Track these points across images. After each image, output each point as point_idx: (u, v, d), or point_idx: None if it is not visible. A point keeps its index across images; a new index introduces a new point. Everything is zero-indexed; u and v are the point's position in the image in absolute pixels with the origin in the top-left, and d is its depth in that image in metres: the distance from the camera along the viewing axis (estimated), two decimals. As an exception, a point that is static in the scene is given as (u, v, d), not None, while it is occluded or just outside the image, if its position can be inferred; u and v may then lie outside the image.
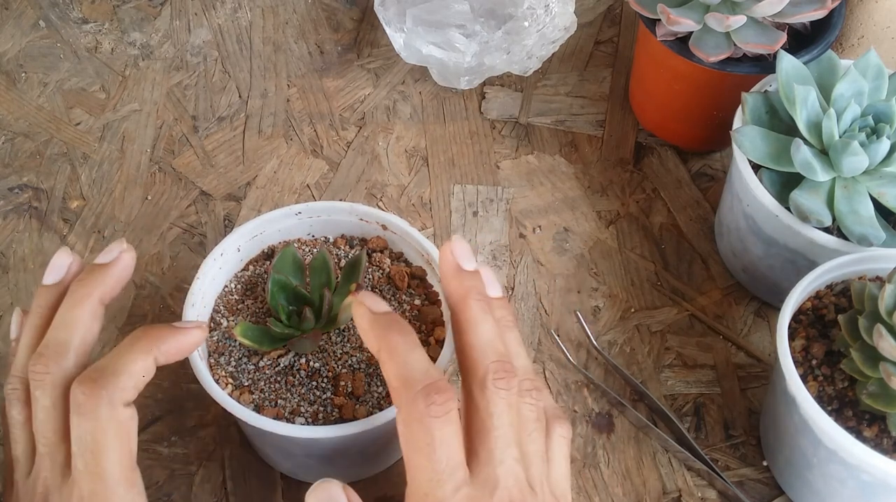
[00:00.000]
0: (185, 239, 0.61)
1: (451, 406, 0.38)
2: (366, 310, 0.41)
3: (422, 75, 0.70)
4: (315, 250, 0.52)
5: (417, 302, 0.51)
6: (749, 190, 0.52)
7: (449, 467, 0.38)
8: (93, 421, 0.39)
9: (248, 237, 0.52)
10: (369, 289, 0.51)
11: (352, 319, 0.49)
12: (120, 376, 0.40)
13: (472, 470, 0.38)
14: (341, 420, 0.46)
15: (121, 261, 0.44)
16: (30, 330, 0.43)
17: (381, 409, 0.46)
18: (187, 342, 0.43)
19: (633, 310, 0.58)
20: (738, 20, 0.55)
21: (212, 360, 0.48)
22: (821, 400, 0.46)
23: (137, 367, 0.40)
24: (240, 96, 0.69)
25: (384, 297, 0.50)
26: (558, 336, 0.57)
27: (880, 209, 0.52)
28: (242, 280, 0.52)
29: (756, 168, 0.53)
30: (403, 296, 0.51)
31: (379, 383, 0.47)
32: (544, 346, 0.57)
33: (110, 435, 0.39)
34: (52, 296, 0.44)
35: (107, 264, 0.44)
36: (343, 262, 0.52)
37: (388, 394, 0.47)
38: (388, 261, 0.52)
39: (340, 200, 0.60)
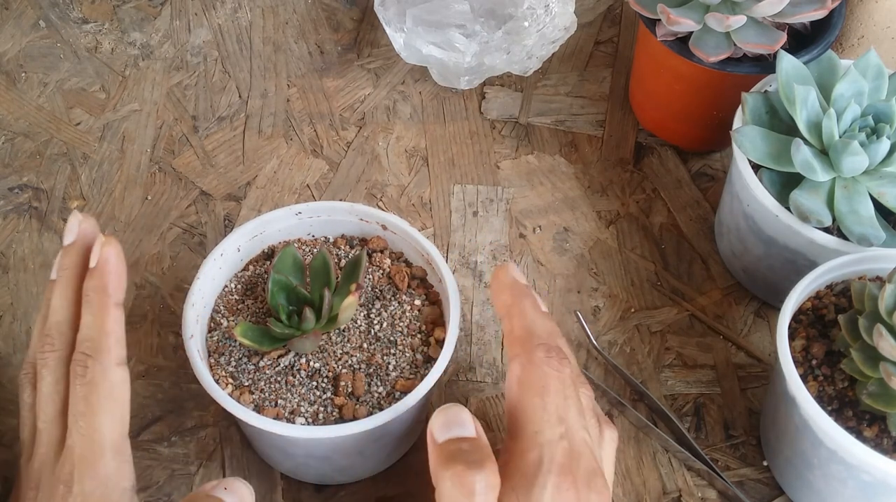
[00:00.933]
0: (185, 239, 0.61)
1: (565, 368, 0.41)
2: (509, 274, 0.45)
3: (422, 75, 0.70)
4: (315, 250, 0.52)
5: (417, 302, 0.51)
6: (749, 190, 0.52)
7: (557, 414, 0.40)
8: (87, 385, 0.41)
9: (248, 237, 0.52)
10: (369, 289, 0.51)
11: (352, 319, 0.49)
12: (102, 340, 0.42)
13: None
14: (341, 420, 0.46)
15: (110, 259, 0.44)
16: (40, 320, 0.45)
17: (381, 409, 0.46)
18: (112, 264, 0.44)
19: (633, 310, 0.58)
20: (738, 20, 0.55)
21: (212, 360, 0.48)
22: (821, 400, 0.46)
23: (111, 324, 0.43)
24: (240, 96, 0.69)
25: (384, 297, 0.50)
26: (558, 336, 0.57)
27: (880, 209, 0.52)
28: (242, 280, 0.52)
29: (756, 168, 0.53)
30: (403, 296, 0.51)
31: (379, 383, 0.48)
32: (544, 346, 0.57)
33: (102, 397, 0.41)
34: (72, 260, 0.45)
35: (103, 265, 0.44)
36: (343, 262, 0.52)
37: (388, 394, 0.47)
38: (388, 261, 0.52)
39: (340, 200, 0.60)
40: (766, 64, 0.58)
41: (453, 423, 0.39)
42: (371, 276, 0.51)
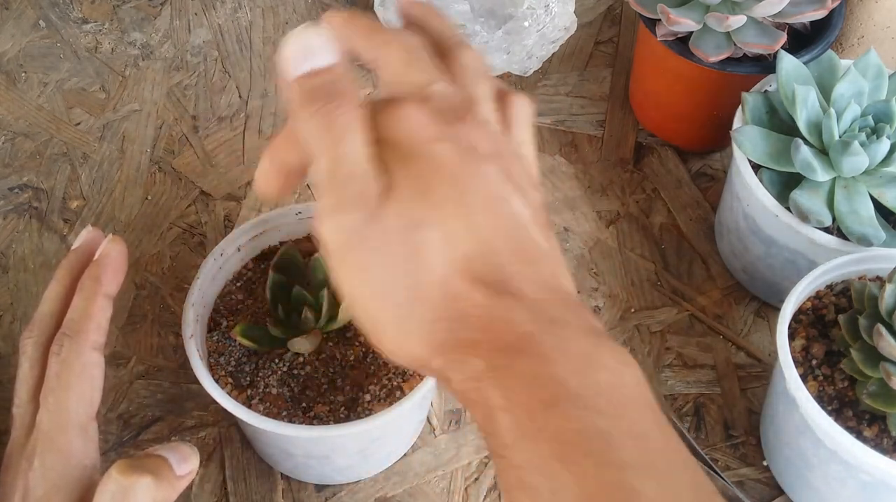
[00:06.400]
0: (185, 239, 0.61)
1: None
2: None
3: (422, 75, 0.70)
4: (315, 250, 0.52)
5: (417, 302, 0.50)
6: (749, 190, 0.52)
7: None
8: (61, 363, 0.42)
9: (248, 237, 0.52)
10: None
11: (351, 319, 0.49)
12: (83, 322, 0.43)
13: None
14: (341, 419, 0.46)
15: (111, 254, 0.46)
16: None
17: (381, 409, 0.46)
18: (112, 259, 0.45)
19: (633, 310, 0.58)
20: (738, 20, 0.55)
21: (212, 360, 0.48)
22: (821, 400, 0.46)
23: (95, 310, 0.44)
24: (240, 96, 0.69)
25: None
26: (558, 336, 0.57)
27: (880, 209, 0.52)
28: (242, 280, 0.52)
29: (756, 168, 0.53)
30: (403, 296, 0.51)
31: (378, 383, 0.47)
32: (544, 346, 0.56)
33: (74, 375, 0.42)
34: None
35: (103, 259, 0.46)
36: (343, 262, 0.52)
37: (387, 395, 0.47)
38: (388, 261, 0.52)
39: (340, 200, 0.60)
40: (766, 64, 0.58)
41: (305, 53, 0.34)
42: (371, 276, 0.51)
